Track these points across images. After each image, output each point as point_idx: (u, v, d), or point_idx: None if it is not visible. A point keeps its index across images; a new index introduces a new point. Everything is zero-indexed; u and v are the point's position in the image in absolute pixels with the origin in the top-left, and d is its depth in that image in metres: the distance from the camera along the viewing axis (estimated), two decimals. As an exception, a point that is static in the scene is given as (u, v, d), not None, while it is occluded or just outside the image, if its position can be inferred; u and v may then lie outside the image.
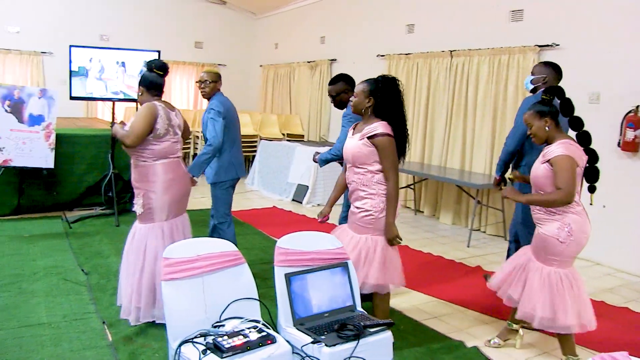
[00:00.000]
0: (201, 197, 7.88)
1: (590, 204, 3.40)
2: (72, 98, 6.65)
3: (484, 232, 6.77)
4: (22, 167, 5.98)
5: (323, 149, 8.20)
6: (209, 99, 4.57)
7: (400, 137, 3.35)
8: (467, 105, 7.04)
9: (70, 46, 6.60)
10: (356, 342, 2.59)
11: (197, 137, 10.42)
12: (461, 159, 7.16)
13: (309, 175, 8.17)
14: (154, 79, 3.70)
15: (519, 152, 4.20)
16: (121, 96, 6.78)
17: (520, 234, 4.17)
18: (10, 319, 3.73)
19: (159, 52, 6.93)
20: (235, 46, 12.58)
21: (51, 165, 6.00)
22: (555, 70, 4.13)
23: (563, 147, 3.09)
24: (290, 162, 8.65)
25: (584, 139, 3.25)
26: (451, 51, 7.22)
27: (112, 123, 6.57)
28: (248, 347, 2.41)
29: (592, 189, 3.36)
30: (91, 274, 4.65)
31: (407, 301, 4.42)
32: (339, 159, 4.27)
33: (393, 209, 3.35)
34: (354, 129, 3.48)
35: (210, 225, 4.76)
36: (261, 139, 10.08)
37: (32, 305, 3.96)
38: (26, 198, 6.50)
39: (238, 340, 2.43)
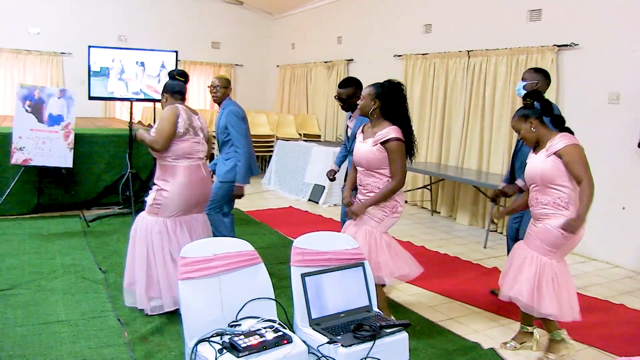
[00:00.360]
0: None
1: None
2: (90, 98, 6.71)
3: (501, 233, 6.71)
4: (41, 167, 6.05)
5: (335, 149, 8.22)
6: (219, 103, 4.78)
7: (407, 139, 3.52)
8: (484, 106, 6.99)
9: (89, 47, 6.66)
10: (372, 342, 2.59)
11: (214, 136, 10.47)
12: (478, 159, 7.11)
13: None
14: (176, 85, 3.93)
15: (513, 156, 4.36)
16: (141, 96, 6.84)
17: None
18: (30, 315, 3.78)
19: (176, 52, 6.98)
20: (252, 46, 12.62)
21: (70, 164, 6.06)
22: (545, 76, 4.21)
23: (567, 139, 3.15)
24: (306, 162, 8.65)
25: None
26: (468, 51, 7.18)
27: (130, 123, 6.64)
28: (264, 346, 2.42)
29: None
30: (108, 273, 4.69)
31: (422, 302, 4.40)
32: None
33: (383, 195, 3.51)
34: (362, 132, 3.64)
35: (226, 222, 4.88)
36: (278, 139, 10.10)
37: (51, 303, 4.01)
38: (45, 197, 6.59)
39: (254, 340, 2.43)
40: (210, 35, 12.13)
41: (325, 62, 10.54)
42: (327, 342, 2.57)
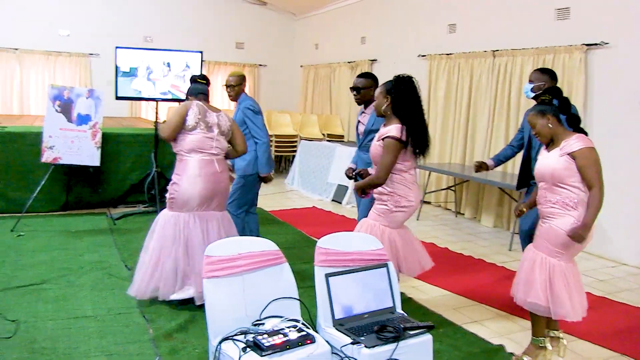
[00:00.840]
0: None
1: None
2: (117, 98, 6.82)
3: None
4: (70, 165, 6.16)
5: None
6: (235, 100, 4.90)
7: (418, 135, 3.54)
8: (509, 107, 6.91)
9: (116, 47, 6.77)
10: (396, 344, 2.59)
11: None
12: (503, 160, 7.03)
13: (349, 175, 8.17)
14: (199, 87, 4.12)
15: (528, 158, 4.31)
16: (169, 96, 6.93)
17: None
18: (59, 310, 3.87)
19: (201, 52, 7.05)
20: (275, 47, 12.68)
21: (97, 163, 6.16)
22: (552, 76, 4.17)
23: (584, 141, 3.09)
24: (330, 162, 8.67)
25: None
26: (494, 51, 7.11)
27: (156, 122, 6.72)
28: (287, 346, 2.43)
29: None
30: (134, 270, 4.75)
31: (446, 304, 4.38)
32: None
33: (365, 183, 3.67)
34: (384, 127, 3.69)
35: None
36: (301, 139, 10.13)
37: (79, 299, 4.09)
38: (73, 195, 6.71)
39: (278, 339, 2.45)
40: (234, 35, 12.21)
41: (349, 63, 10.53)
42: (351, 343, 2.58)
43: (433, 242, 6.12)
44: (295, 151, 10.01)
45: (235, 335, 2.53)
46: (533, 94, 4.10)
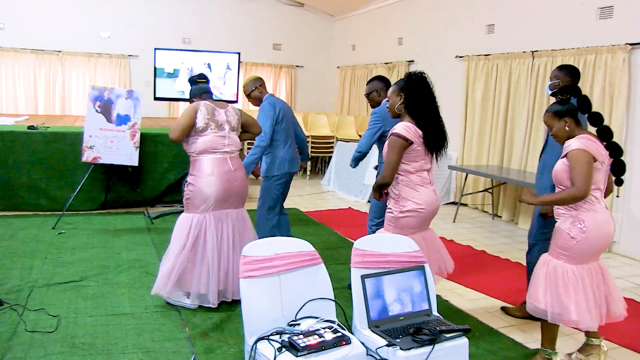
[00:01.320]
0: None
1: (617, 196, 3.35)
2: (156, 99, 6.93)
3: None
4: (109, 165, 6.28)
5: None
6: (258, 105, 4.84)
7: (431, 134, 3.41)
8: (549, 108, 6.77)
9: (155, 49, 6.88)
10: (431, 347, 2.56)
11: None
12: (542, 163, 6.90)
13: (384, 177, 8.12)
14: (202, 86, 4.10)
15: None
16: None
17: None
18: (98, 307, 3.95)
19: (238, 53, 7.12)
20: (312, 48, 12.69)
21: (135, 163, 6.27)
22: (569, 72, 4.07)
23: (579, 142, 3.02)
24: (366, 163, 8.61)
25: (605, 134, 3.13)
26: (533, 51, 6.98)
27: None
28: (323, 347, 2.43)
29: (619, 182, 3.22)
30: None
31: (483, 307, 4.31)
32: (364, 155, 4.57)
33: (375, 185, 3.55)
34: None
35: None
36: (338, 140, 10.12)
37: (117, 296, 4.17)
38: (112, 194, 6.84)
39: (313, 340, 2.45)
40: (271, 36, 12.27)
41: (386, 64, 10.48)
42: (386, 345, 2.56)
43: (470, 244, 6.04)
44: (331, 152, 10.01)
45: (271, 335, 2.53)
46: (551, 92, 4.00)
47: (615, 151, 3.14)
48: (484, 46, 7.90)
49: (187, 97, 6.85)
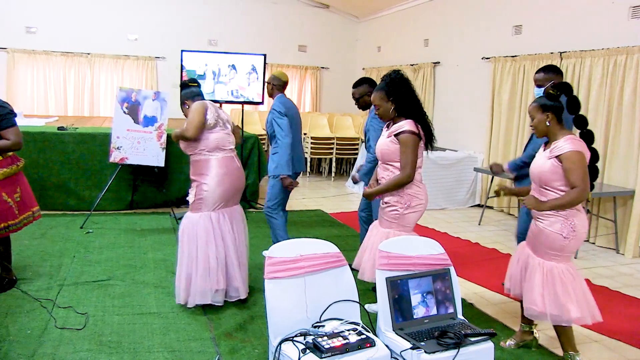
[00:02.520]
0: (302, 198, 8.03)
1: (588, 201, 3.26)
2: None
3: (593, 243, 6.38)
4: (136, 165, 6.36)
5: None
6: (271, 97, 4.92)
7: (427, 128, 3.53)
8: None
9: (182, 51, 6.95)
10: (456, 350, 2.54)
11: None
12: (570, 165, 6.79)
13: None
14: (192, 90, 4.11)
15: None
16: (232, 99, 7.06)
17: None
18: (125, 306, 4.01)
19: (264, 55, 7.14)
20: (338, 49, 12.70)
21: (162, 163, 6.34)
22: (556, 71, 4.16)
23: (572, 143, 3.06)
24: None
25: (588, 138, 3.19)
26: (561, 53, 6.88)
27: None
28: (347, 349, 2.43)
29: (591, 187, 3.23)
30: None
31: (508, 311, 4.26)
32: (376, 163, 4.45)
33: (390, 186, 3.53)
34: (387, 128, 3.65)
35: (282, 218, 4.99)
36: (362, 142, 10.10)
37: (144, 295, 4.23)
38: (139, 194, 6.93)
39: (337, 342, 2.45)
40: (297, 38, 12.30)
41: (412, 65, 10.44)
42: (410, 348, 2.55)
43: (495, 247, 5.97)
44: (356, 154, 9.99)
45: (296, 336, 2.54)
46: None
47: (593, 156, 3.21)
48: (511, 47, 7.82)
49: (211, 98, 7.03)
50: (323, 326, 2.62)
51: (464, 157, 8.21)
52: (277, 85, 4.90)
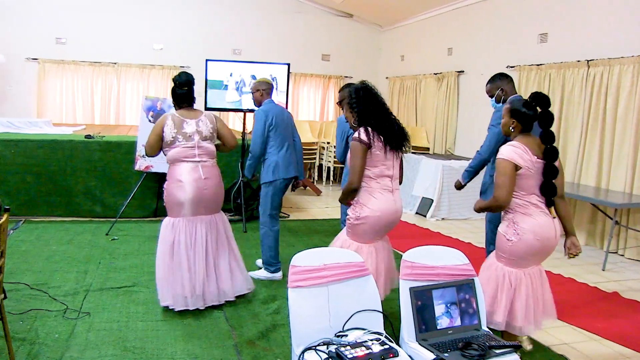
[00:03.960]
0: (325, 207, 8.02)
1: (554, 217, 3.31)
2: (206, 109, 7.05)
3: (622, 255, 6.27)
4: (161, 173, 6.42)
5: (444, 162, 8.07)
6: (260, 104, 4.96)
7: (390, 133, 3.47)
8: (605, 119, 6.57)
9: (207, 60, 7.02)
10: (481, 362, 2.50)
11: (323, 147, 10.60)
12: (597, 176, 6.69)
13: (434, 188, 8.04)
14: (177, 92, 4.18)
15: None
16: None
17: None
18: (149, 312, 4.05)
19: (288, 64, 7.18)
20: (361, 58, 12.70)
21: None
22: (503, 77, 4.30)
23: (506, 150, 3.14)
24: (415, 174, 8.57)
25: (551, 155, 3.19)
26: (588, 61, 6.80)
27: (243, 133, 6.91)
28: (370, 359, 2.41)
29: (550, 203, 3.27)
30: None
31: (534, 324, 4.19)
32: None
33: (342, 191, 3.55)
34: None
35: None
36: (407, 149, 10.04)
37: (167, 303, 4.25)
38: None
39: (360, 352, 2.43)
40: (320, 47, 12.34)
41: (435, 74, 10.40)
42: (434, 359, 2.52)
43: (520, 259, 5.90)
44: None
45: (318, 345, 2.53)
46: (499, 103, 4.27)
47: (551, 172, 3.17)
48: (536, 56, 7.75)
49: (238, 107, 7.09)
50: (346, 335, 2.61)
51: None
52: (266, 90, 4.97)
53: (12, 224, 6.10)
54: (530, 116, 3.21)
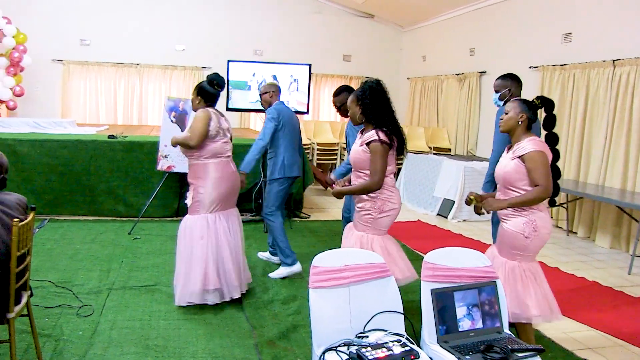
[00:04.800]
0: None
1: (553, 204, 3.44)
2: (228, 109, 7.10)
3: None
4: (183, 173, 6.47)
5: (466, 163, 8.00)
6: (270, 105, 5.06)
7: (396, 137, 3.55)
8: (631, 120, 6.46)
9: (228, 61, 7.06)
10: (503, 366, 2.48)
11: (343, 148, 10.58)
12: (622, 177, 6.58)
13: (456, 189, 7.99)
14: (212, 92, 4.24)
15: None
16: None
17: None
18: (171, 311, 4.08)
19: (309, 65, 7.19)
20: (382, 59, 12.67)
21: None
22: (514, 79, 4.29)
23: (533, 144, 3.16)
24: (436, 176, 8.52)
25: (554, 156, 3.30)
26: (614, 60, 6.70)
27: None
28: (391, 360, 2.40)
29: (552, 203, 3.44)
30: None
31: (556, 327, 4.13)
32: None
33: (358, 189, 3.57)
34: (361, 134, 3.69)
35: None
36: (407, 152, 10.01)
37: (189, 302, 4.28)
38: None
39: (381, 353, 2.42)
40: (341, 48, 12.34)
41: (457, 75, 10.33)
42: (455, 361, 2.50)
43: (542, 260, 5.81)
44: (401, 164, 9.93)
45: (339, 346, 2.52)
46: (502, 102, 4.27)
47: (555, 173, 3.28)
48: (560, 56, 7.66)
49: (259, 107, 7.11)
50: (367, 337, 2.60)
51: (510, 167, 8.05)
52: (275, 92, 5.08)
53: (38, 223, 6.22)
54: (536, 116, 3.30)
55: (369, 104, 3.55)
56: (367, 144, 3.50)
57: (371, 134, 3.49)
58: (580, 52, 7.32)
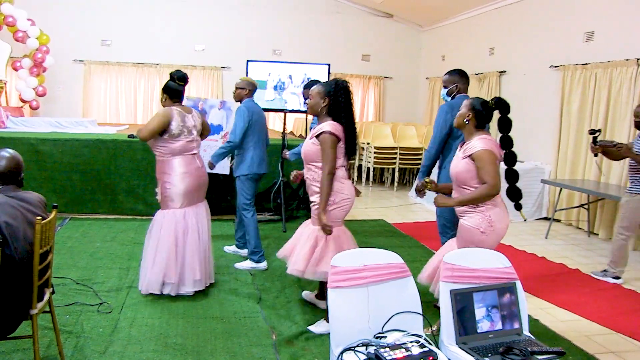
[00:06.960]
0: (365, 208, 8.00)
1: (524, 220, 3.70)
2: (247, 109, 7.11)
3: (673, 260, 6.07)
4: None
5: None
6: (240, 101, 5.21)
7: (350, 137, 3.69)
8: (655, 120, 6.36)
9: (247, 61, 7.08)
10: (523, 368, 2.46)
11: (363, 148, 10.56)
12: (645, 178, 6.48)
13: (472, 190, 7.93)
14: (174, 88, 4.35)
15: (441, 155, 4.55)
16: (303, 108, 7.13)
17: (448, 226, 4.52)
18: (190, 310, 4.11)
19: (328, 65, 7.18)
20: (401, 58, 12.63)
21: (227, 172, 6.47)
22: (461, 74, 4.48)
23: (482, 142, 3.30)
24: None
25: (509, 159, 3.48)
26: (637, 59, 6.60)
27: (283, 133, 6.94)
28: (409, 361, 2.39)
29: (518, 207, 3.58)
30: (257, 276, 4.94)
31: (576, 330, 4.10)
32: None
33: (323, 197, 3.61)
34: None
35: (237, 216, 5.46)
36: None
37: (207, 300, 4.32)
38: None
39: (400, 354, 2.41)
40: (360, 48, 12.32)
41: (477, 75, 10.25)
42: (474, 363, 2.49)
43: (563, 262, 5.77)
44: (419, 164, 9.88)
45: (357, 346, 2.52)
46: (450, 97, 4.45)
47: (513, 177, 3.48)
48: (582, 55, 7.56)
49: (276, 107, 7.12)
50: (385, 337, 2.60)
51: (530, 168, 7.99)
52: (251, 90, 5.22)
53: (59, 221, 6.31)
54: (484, 116, 3.42)
55: (341, 102, 3.66)
56: (317, 136, 3.61)
57: (321, 127, 3.62)
58: (603, 51, 7.22)
